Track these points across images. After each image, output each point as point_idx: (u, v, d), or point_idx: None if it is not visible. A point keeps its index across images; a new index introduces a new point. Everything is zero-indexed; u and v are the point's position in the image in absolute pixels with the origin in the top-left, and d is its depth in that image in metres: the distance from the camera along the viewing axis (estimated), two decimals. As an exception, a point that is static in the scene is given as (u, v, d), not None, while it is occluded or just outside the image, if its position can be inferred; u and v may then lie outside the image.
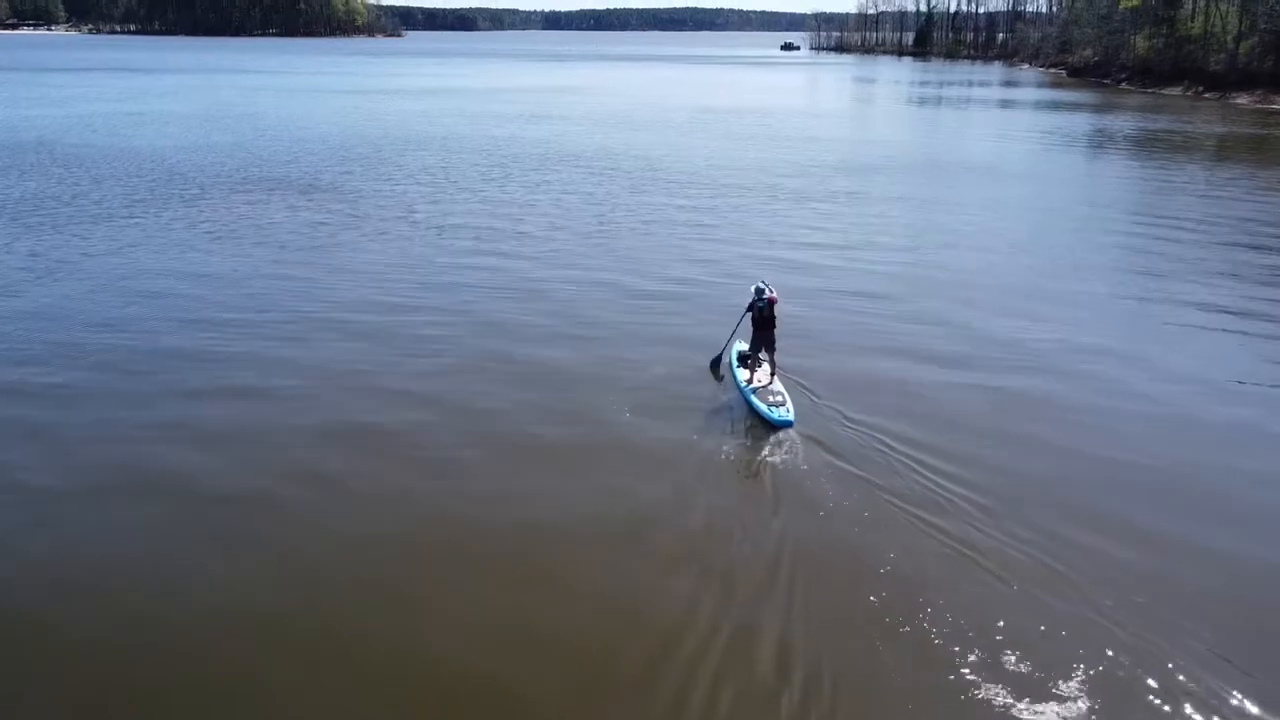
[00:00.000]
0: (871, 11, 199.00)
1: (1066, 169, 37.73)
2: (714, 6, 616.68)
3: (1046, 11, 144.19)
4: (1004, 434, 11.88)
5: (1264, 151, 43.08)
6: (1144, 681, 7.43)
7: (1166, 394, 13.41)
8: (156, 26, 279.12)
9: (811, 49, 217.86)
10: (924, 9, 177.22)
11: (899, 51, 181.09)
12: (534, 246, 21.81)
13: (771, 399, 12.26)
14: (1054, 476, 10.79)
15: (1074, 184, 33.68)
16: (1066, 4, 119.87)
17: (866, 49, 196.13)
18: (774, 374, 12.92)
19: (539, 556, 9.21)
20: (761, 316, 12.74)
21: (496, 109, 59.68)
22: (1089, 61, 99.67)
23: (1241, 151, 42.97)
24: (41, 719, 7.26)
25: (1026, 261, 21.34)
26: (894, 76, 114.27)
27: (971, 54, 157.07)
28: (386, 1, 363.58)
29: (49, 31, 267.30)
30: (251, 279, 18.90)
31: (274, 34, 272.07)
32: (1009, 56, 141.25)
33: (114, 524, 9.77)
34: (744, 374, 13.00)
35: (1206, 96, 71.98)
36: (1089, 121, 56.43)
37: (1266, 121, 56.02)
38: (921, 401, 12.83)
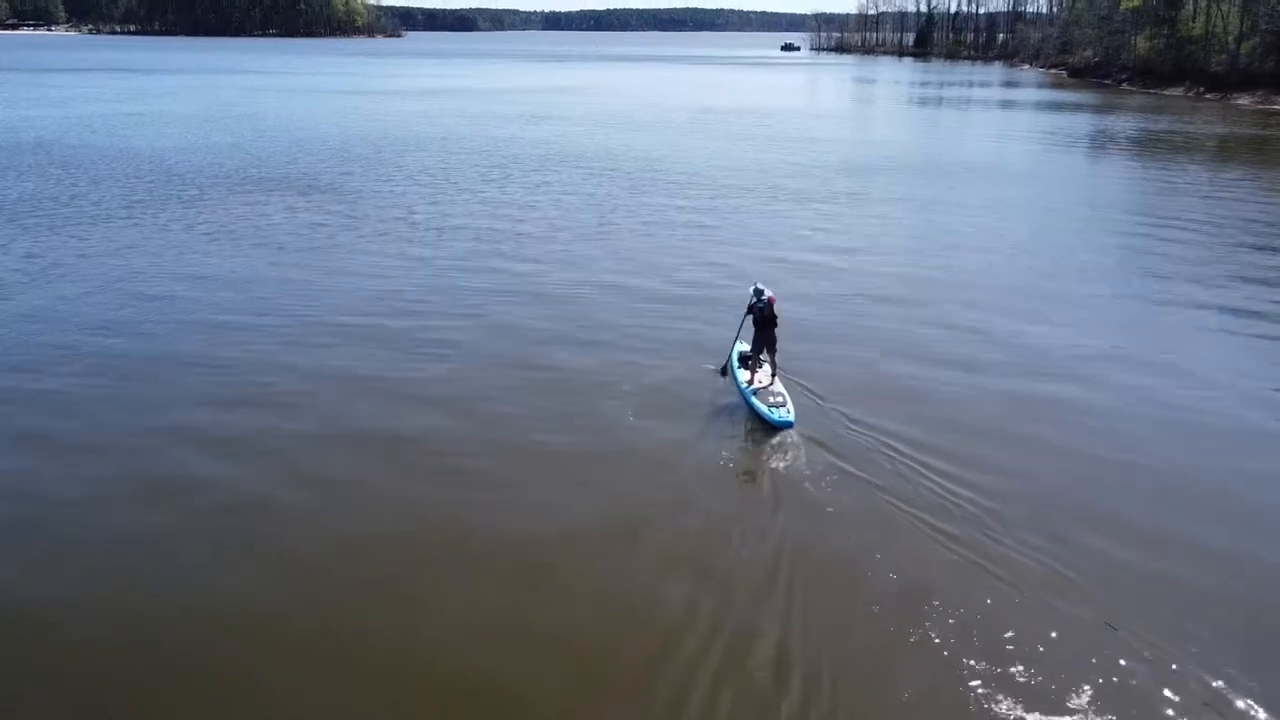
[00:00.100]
0: (872, 12, 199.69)
1: (1068, 170, 37.72)
2: (714, 7, 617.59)
3: (1047, 12, 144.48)
4: (1007, 436, 11.85)
5: (1266, 152, 43.08)
6: (1152, 688, 7.39)
7: (1173, 396, 13.35)
8: (156, 27, 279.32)
9: (812, 49, 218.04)
10: (924, 9, 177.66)
11: (899, 52, 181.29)
12: (534, 248, 21.80)
13: (772, 400, 12.24)
14: (1060, 480, 10.74)
15: (1075, 185, 33.66)
16: (1067, 4, 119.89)
17: (867, 49, 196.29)
18: (775, 374, 12.90)
19: (539, 557, 9.20)
20: (763, 317, 12.71)
21: (496, 109, 59.67)
22: (1089, 62, 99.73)
23: (1243, 152, 42.94)
24: (41, 719, 7.25)
25: (1029, 263, 21.32)
26: (894, 77, 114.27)
27: (972, 54, 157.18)
28: (386, 2, 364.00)
29: (49, 32, 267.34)
30: (250, 280, 18.90)
31: (274, 34, 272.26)
32: (1009, 57, 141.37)
33: (114, 525, 9.76)
34: (744, 375, 12.98)
35: (1208, 97, 72.02)
36: (1090, 122, 56.41)
37: (1268, 122, 56.01)
38: (925, 403, 12.81)
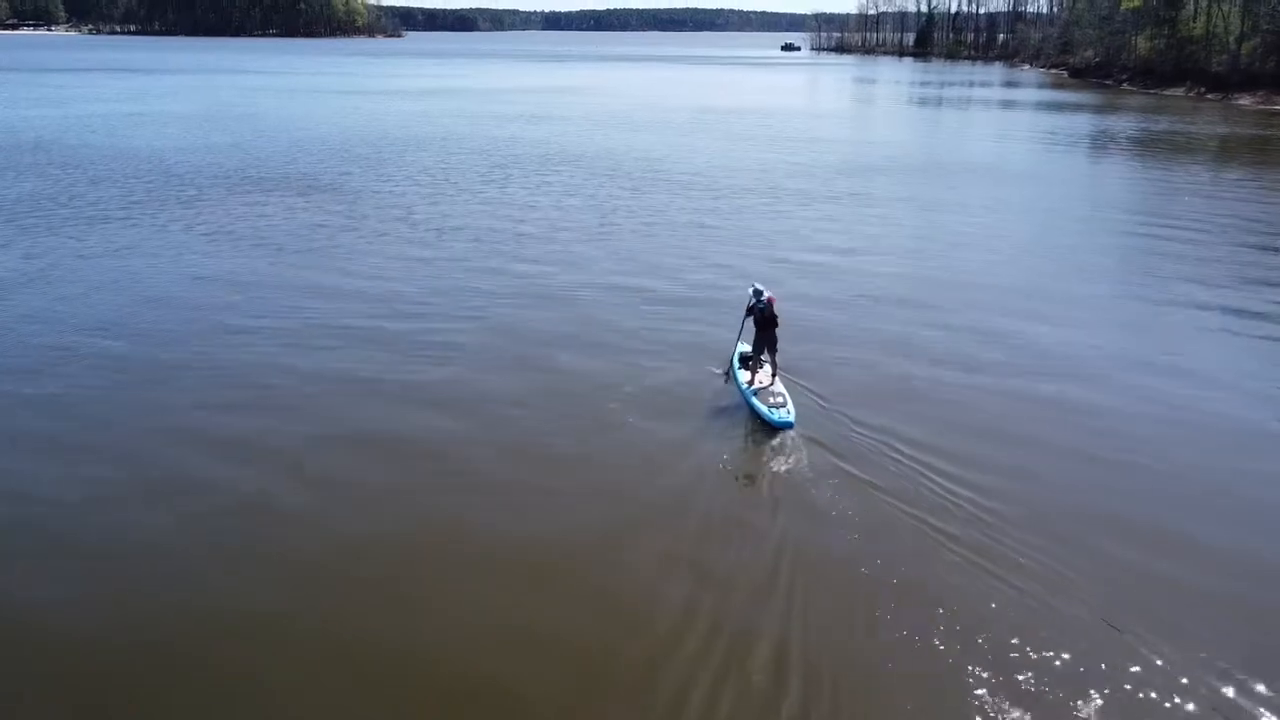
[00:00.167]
0: (872, 12, 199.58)
1: (1069, 170, 37.70)
2: (714, 7, 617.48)
3: (1047, 12, 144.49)
4: (1008, 436, 11.83)
5: (1267, 153, 43.08)
6: (1154, 689, 7.38)
7: (1175, 396, 13.32)
8: (156, 27, 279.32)
9: (812, 49, 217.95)
10: (924, 9, 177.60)
11: (899, 52, 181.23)
12: (535, 248, 21.79)
13: (772, 400, 12.23)
14: (1061, 480, 10.73)
15: (1076, 185, 33.66)
16: (1067, 4, 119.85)
17: (867, 49, 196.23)
18: (775, 375, 12.89)
19: (539, 557, 9.19)
20: (764, 317, 12.71)
21: (496, 110, 59.66)
22: (1090, 62, 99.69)
23: (1245, 152, 42.93)
24: (41, 719, 7.25)
25: (1030, 263, 21.31)
26: (895, 77, 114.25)
27: (972, 55, 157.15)
28: (387, 2, 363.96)
29: (49, 32, 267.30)
30: (249, 281, 18.88)
31: (274, 34, 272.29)
32: (1010, 57, 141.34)
33: (113, 525, 9.75)
34: (745, 375, 12.97)
35: (1209, 97, 72.00)
36: (1091, 122, 56.40)
37: (1270, 122, 55.98)
38: (925, 404, 12.79)
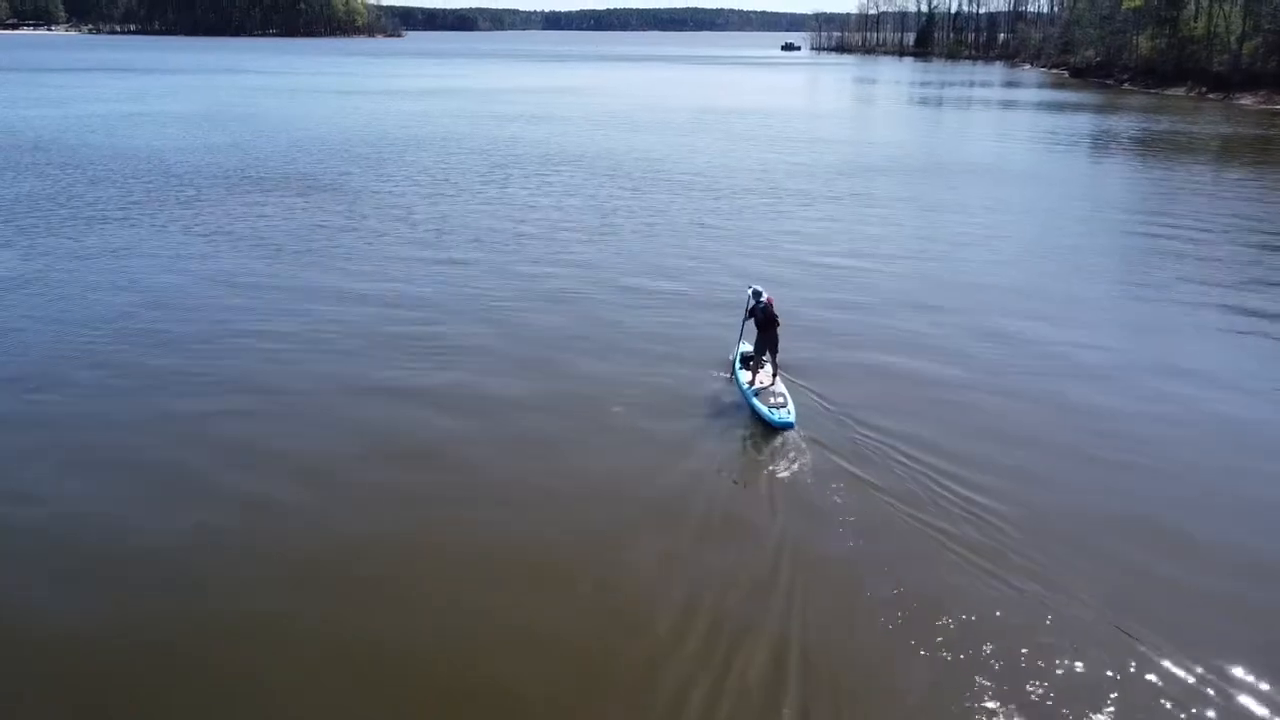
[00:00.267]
0: (872, 12, 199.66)
1: (1070, 170, 37.66)
2: (714, 7, 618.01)
3: (1048, 12, 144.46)
4: (1010, 437, 11.81)
5: (1269, 152, 43.07)
6: (1159, 690, 7.37)
7: (1179, 397, 13.30)
8: (156, 26, 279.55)
9: (812, 49, 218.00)
10: (925, 9, 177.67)
11: (900, 52, 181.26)
12: (535, 249, 21.77)
13: (773, 400, 12.22)
14: (1064, 480, 10.70)
15: (1078, 185, 33.62)
16: (1068, 4, 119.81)
17: (867, 49, 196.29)
18: (776, 375, 12.88)
19: (540, 557, 9.19)
20: (765, 317, 12.71)
21: (497, 110, 59.66)
22: (1091, 62, 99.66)
23: (1246, 152, 42.89)
24: (41, 719, 7.24)
25: (1032, 264, 21.28)
26: (895, 77, 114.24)
27: (973, 54, 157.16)
28: (386, 2, 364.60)
29: (49, 31, 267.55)
30: (249, 282, 18.86)
31: (274, 34, 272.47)
32: (1010, 57, 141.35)
33: (112, 525, 9.74)
34: (746, 376, 12.97)
35: (1210, 97, 71.99)
36: (1092, 122, 56.37)
37: (1271, 122, 55.96)
38: (926, 404, 12.77)
